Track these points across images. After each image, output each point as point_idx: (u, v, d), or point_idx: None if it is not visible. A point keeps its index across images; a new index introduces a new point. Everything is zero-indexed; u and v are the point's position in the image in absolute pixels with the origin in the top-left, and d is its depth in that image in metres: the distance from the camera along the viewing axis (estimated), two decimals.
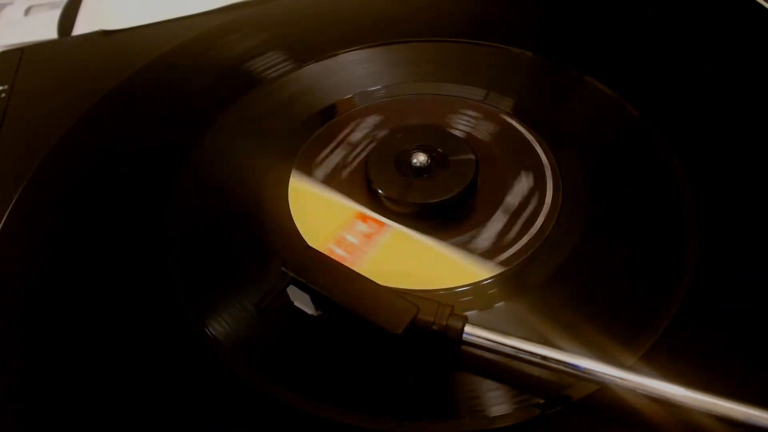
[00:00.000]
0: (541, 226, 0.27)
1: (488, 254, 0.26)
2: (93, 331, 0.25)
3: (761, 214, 0.27)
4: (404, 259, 0.26)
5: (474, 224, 0.27)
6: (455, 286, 0.25)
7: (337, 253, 0.26)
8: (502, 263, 0.26)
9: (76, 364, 0.24)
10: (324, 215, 0.28)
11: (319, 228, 0.28)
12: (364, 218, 0.28)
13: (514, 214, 0.28)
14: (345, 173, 0.30)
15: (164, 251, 0.28)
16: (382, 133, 0.32)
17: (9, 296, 0.27)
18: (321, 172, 0.30)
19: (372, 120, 0.33)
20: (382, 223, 0.27)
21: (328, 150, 0.31)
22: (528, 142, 0.31)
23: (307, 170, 0.30)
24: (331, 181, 0.30)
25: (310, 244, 0.27)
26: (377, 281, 0.23)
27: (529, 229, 0.27)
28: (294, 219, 0.28)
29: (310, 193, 0.29)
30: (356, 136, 0.32)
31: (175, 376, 0.24)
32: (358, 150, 0.31)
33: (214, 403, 0.23)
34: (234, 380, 0.23)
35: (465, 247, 0.26)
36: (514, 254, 0.26)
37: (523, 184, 0.29)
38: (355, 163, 0.30)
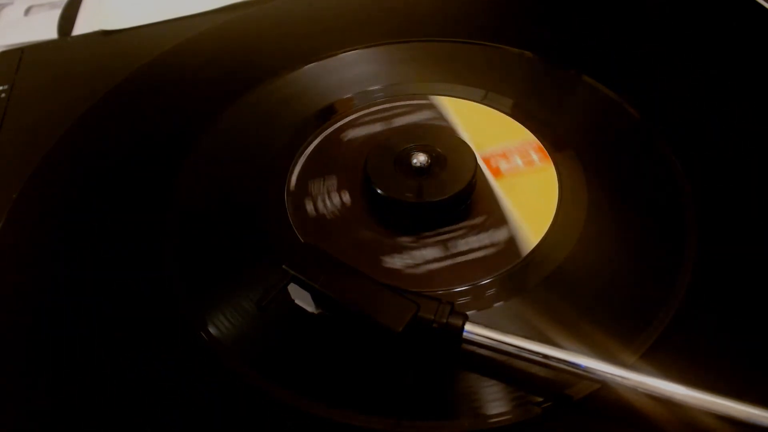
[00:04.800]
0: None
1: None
2: (92, 330, 0.25)
3: (761, 214, 0.27)
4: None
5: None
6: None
7: None
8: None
9: (75, 363, 0.24)
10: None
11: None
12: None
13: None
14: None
15: (164, 250, 0.28)
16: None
17: (8, 296, 0.27)
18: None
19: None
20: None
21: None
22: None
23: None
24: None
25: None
26: None
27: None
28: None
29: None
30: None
31: (174, 374, 0.24)
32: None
33: (213, 402, 0.23)
34: (234, 379, 0.23)
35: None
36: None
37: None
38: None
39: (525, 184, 0.29)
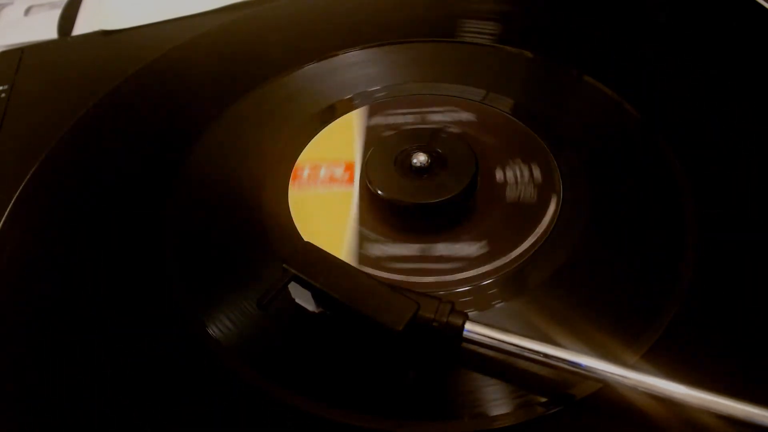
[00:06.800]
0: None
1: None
2: (92, 330, 0.25)
3: (761, 213, 0.27)
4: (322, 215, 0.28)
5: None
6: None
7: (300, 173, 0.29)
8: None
9: (75, 363, 0.24)
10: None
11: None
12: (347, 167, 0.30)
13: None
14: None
15: (164, 250, 0.28)
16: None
17: (8, 295, 0.27)
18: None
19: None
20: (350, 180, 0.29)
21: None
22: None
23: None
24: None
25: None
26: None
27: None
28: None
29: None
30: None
31: (174, 375, 0.24)
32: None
33: (213, 402, 0.23)
34: (234, 379, 0.23)
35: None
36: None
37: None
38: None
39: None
